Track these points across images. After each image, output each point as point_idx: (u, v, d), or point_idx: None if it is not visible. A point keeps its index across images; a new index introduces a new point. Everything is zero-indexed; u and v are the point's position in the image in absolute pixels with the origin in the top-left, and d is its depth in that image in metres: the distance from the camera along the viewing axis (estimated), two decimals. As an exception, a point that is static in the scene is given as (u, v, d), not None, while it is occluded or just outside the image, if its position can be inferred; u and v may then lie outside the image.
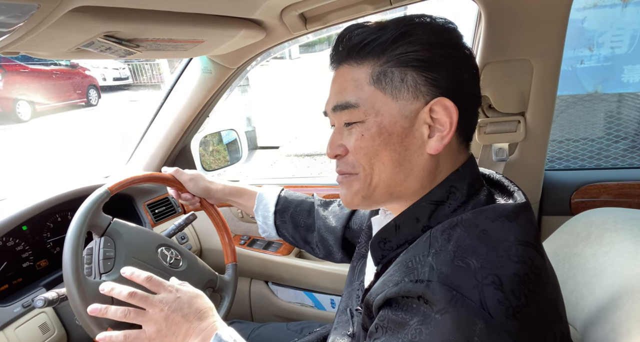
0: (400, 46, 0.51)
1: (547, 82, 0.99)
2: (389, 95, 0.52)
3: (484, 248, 0.46)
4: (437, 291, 0.43)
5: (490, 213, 0.49)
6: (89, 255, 0.86)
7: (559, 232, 0.79)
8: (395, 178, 0.55)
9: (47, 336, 0.98)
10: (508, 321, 0.41)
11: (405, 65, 0.51)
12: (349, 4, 0.95)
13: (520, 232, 0.48)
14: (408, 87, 0.52)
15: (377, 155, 0.54)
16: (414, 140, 0.53)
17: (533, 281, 0.45)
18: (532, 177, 1.13)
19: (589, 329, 0.60)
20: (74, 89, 10.50)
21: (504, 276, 0.43)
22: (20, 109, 8.89)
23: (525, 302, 0.43)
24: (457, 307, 0.42)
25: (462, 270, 0.44)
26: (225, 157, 1.62)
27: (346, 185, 0.58)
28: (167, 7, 0.72)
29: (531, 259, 0.46)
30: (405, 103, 0.52)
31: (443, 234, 0.49)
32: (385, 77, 0.52)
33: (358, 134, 0.54)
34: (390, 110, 0.52)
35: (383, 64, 0.52)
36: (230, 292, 1.01)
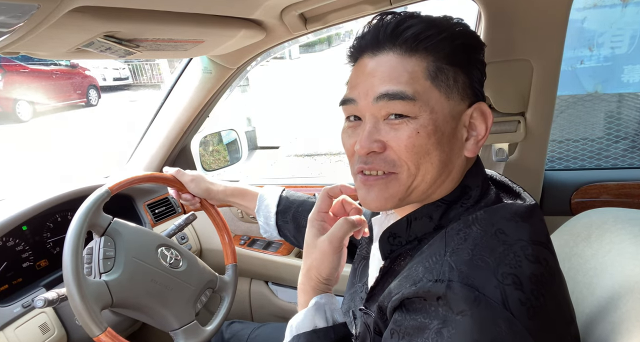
0: (453, 46, 0.51)
1: (547, 82, 0.99)
2: (443, 94, 0.51)
3: (501, 247, 0.45)
4: (459, 291, 0.42)
5: (505, 213, 0.49)
6: (89, 254, 0.86)
7: (559, 232, 0.79)
8: (437, 179, 0.53)
9: (47, 336, 0.98)
10: (530, 321, 0.41)
11: (457, 65, 0.51)
12: (349, 4, 0.95)
13: (534, 232, 0.48)
14: (458, 88, 0.52)
15: (429, 154, 0.51)
16: (457, 142, 0.53)
17: (549, 281, 0.45)
18: (532, 177, 1.13)
19: (589, 329, 0.60)
20: (74, 89, 10.50)
21: (522, 276, 0.43)
22: (20, 109, 8.89)
23: (543, 302, 0.43)
24: (480, 308, 0.40)
25: (482, 269, 0.43)
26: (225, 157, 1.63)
27: (380, 187, 0.53)
28: (167, 7, 0.72)
29: (546, 260, 0.46)
30: (455, 104, 0.52)
31: (459, 233, 0.48)
32: (442, 74, 0.51)
33: (411, 130, 0.50)
34: (443, 109, 0.51)
35: (437, 60, 0.51)
36: (230, 293, 1.01)
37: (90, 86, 10.99)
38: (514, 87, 1.01)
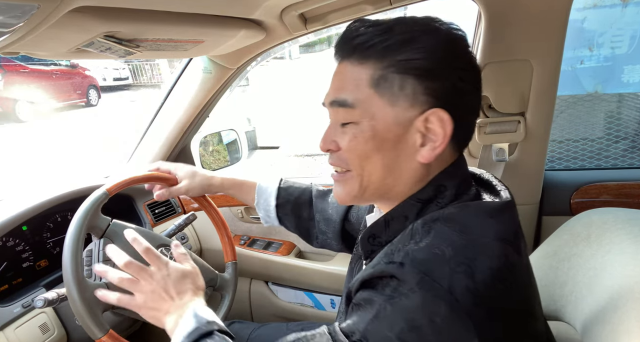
0: (404, 52, 0.51)
1: (547, 82, 0.99)
2: (386, 101, 0.52)
3: (462, 241, 0.47)
4: (408, 272, 0.45)
5: (472, 209, 0.51)
6: (89, 257, 0.86)
7: (559, 232, 0.79)
8: (384, 182, 0.55)
9: (47, 336, 0.98)
10: (474, 307, 0.43)
11: (406, 72, 0.51)
12: (349, 4, 0.95)
13: (500, 229, 0.49)
14: (406, 95, 0.51)
15: (369, 158, 0.54)
16: (406, 147, 0.53)
17: (506, 277, 0.46)
18: (532, 177, 1.13)
19: (588, 329, 0.60)
20: (74, 89, 10.50)
21: (476, 268, 0.45)
22: (20, 109, 8.89)
23: (494, 294, 0.45)
24: (425, 289, 0.43)
25: (436, 256, 0.46)
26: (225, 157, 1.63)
27: (341, 183, 0.59)
28: (167, 7, 0.72)
29: (506, 256, 0.47)
30: (401, 110, 0.52)
31: (424, 227, 0.50)
32: (385, 82, 0.51)
33: (351, 134, 0.54)
34: (385, 116, 0.52)
35: (384, 68, 0.51)
36: (230, 291, 1.01)
37: (90, 86, 10.99)
38: (514, 87, 1.01)
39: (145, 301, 0.69)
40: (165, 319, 0.67)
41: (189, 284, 0.72)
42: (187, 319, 0.65)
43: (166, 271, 0.71)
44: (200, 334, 0.62)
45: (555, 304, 0.73)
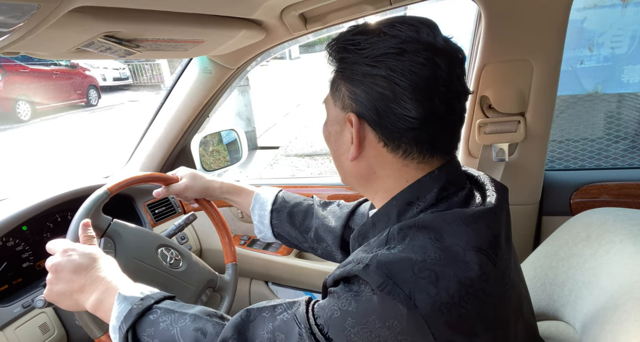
0: (342, 59, 0.56)
1: (547, 82, 0.99)
2: (333, 101, 0.60)
3: (433, 249, 0.48)
4: (372, 274, 0.46)
5: (448, 217, 0.51)
6: (89, 255, 0.86)
7: (559, 232, 0.79)
8: (339, 171, 0.64)
9: (47, 336, 0.98)
10: (433, 313, 0.44)
11: (341, 77, 0.57)
12: (349, 4, 0.95)
13: (474, 238, 0.49)
14: (340, 97, 0.57)
15: (328, 143, 0.63)
16: (342, 144, 0.60)
17: (476, 285, 0.46)
18: (532, 177, 1.13)
19: (588, 329, 0.60)
20: (74, 89, 10.50)
21: (442, 274, 0.46)
22: (20, 109, 8.89)
23: (458, 301, 0.45)
24: (385, 292, 0.45)
25: (403, 261, 0.47)
26: (225, 158, 1.63)
27: None
28: (167, 7, 0.72)
29: (479, 265, 0.47)
30: (338, 110, 0.59)
31: (400, 233, 0.51)
32: (333, 85, 0.59)
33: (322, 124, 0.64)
34: (331, 113, 0.61)
35: (333, 72, 0.58)
36: (230, 292, 1.01)
37: (90, 86, 10.99)
38: (514, 87, 1.01)
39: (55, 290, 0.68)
40: (81, 298, 0.66)
41: (95, 262, 0.69)
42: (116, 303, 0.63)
43: (71, 253, 0.70)
44: (137, 315, 0.60)
45: (555, 304, 0.73)
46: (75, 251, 0.70)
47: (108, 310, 0.64)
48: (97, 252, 0.72)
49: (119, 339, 0.61)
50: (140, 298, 0.63)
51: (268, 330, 0.53)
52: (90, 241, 0.75)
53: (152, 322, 0.60)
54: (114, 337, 0.62)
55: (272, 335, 0.52)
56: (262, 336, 0.53)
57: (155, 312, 0.61)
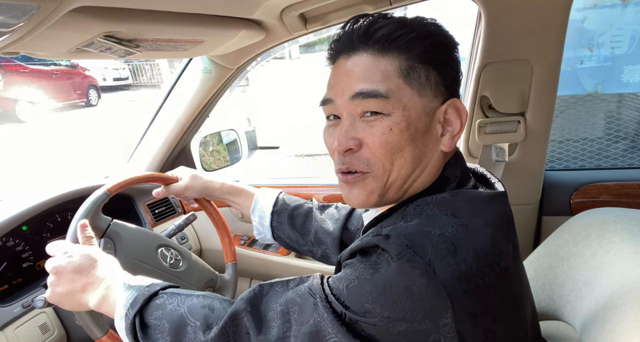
0: (424, 45, 0.53)
1: (547, 82, 0.99)
2: (415, 91, 0.53)
3: (450, 224, 0.48)
4: (392, 243, 0.47)
5: (465, 195, 0.52)
6: (89, 255, 0.85)
7: (559, 232, 0.79)
8: (412, 175, 0.55)
9: (47, 336, 0.98)
10: (452, 281, 0.44)
11: (429, 63, 0.53)
12: (349, 4, 0.95)
13: (490, 215, 0.50)
14: (431, 85, 0.53)
15: (402, 150, 0.53)
16: (432, 137, 0.55)
17: (491, 258, 0.47)
18: (532, 177, 1.13)
19: (588, 329, 0.60)
20: (74, 89, 10.50)
21: (460, 246, 0.46)
22: (20, 109, 8.89)
23: (476, 271, 0.46)
24: (405, 259, 0.45)
25: (422, 234, 0.47)
26: (225, 158, 1.63)
27: (359, 185, 0.56)
28: (167, 7, 0.72)
29: (494, 239, 0.48)
30: (427, 100, 0.54)
31: (416, 209, 0.52)
32: (413, 73, 0.53)
33: (385, 127, 0.52)
34: (416, 106, 0.53)
35: (409, 59, 0.53)
36: (230, 292, 1.01)
37: (90, 86, 10.99)
38: (514, 87, 1.01)
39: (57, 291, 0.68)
40: (84, 297, 0.66)
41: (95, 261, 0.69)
42: (121, 293, 0.63)
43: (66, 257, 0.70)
44: (144, 300, 0.60)
45: (555, 304, 0.73)
46: (75, 252, 0.70)
47: (112, 304, 0.63)
48: (96, 252, 0.72)
49: (126, 327, 0.60)
50: (145, 285, 0.63)
51: (281, 302, 0.52)
52: (90, 241, 0.75)
53: (159, 306, 0.60)
54: (120, 326, 0.61)
55: (285, 307, 0.51)
56: (275, 309, 0.52)
57: (161, 297, 0.61)
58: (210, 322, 0.56)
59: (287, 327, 0.50)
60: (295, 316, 0.50)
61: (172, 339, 0.56)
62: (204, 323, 0.56)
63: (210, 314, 0.57)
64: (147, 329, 0.59)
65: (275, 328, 0.51)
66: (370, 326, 0.46)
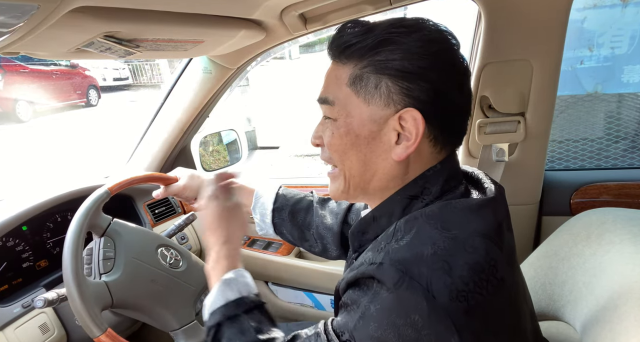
0: (381, 52, 0.52)
1: (547, 82, 0.99)
2: (361, 99, 0.54)
3: (441, 239, 0.48)
4: (387, 271, 0.47)
5: (453, 206, 0.52)
6: (89, 255, 0.86)
7: (559, 232, 0.79)
8: (363, 177, 0.58)
9: (47, 336, 0.98)
10: (451, 302, 0.44)
11: (382, 72, 0.52)
12: (349, 4, 0.95)
13: (480, 225, 0.50)
14: (381, 94, 0.53)
15: (346, 153, 0.57)
16: (381, 144, 0.55)
17: (486, 271, 0.47)
18: (532, 178, 1.13)
19: (588, 329, 0.60)
20: (74, 89, 10.50)
21: (454, 263, 0.46)
22: (20, 109, 8.89)
23: (473, 288, 0.46)
24: (403, 287, 0.45)
25: (415, 256, 0.47)
26: (225, 158, 1.63)
27: (332, 180, 0.62)
28: (167, 7, 0.72)
29: (486, 251, 0.48)
30: (376, 108, 0.54)
31: (406, 225, 0.52)
32: (360, 82, 0.54)
33: (330, 131, 0.58)
34: (360, 113, 0.54)
35: (362, 67, 0.53)
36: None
37: (90, 86, 10.99)
38: (514, 87, 1.01)
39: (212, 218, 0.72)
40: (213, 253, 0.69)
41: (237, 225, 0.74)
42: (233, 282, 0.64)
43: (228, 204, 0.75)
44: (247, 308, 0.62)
45: (555, 304, 0.73)
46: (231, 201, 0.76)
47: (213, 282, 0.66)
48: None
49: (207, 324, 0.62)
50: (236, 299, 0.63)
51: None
52: None
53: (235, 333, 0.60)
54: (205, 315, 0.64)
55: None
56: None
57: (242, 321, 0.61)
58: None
59: None
60: None
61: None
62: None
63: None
64: None
65: None
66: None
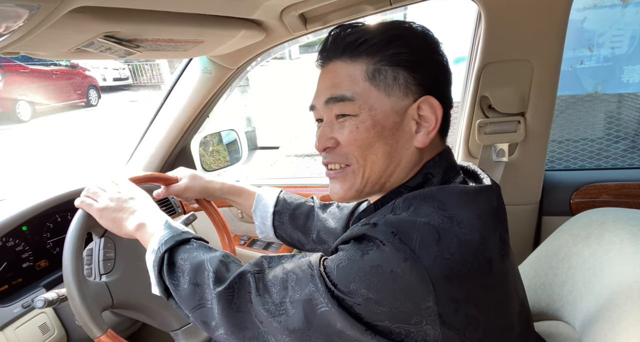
0: (392, 47, 0.56)
1: (547, 82, 0.99)
2: (382, 92, 0.57)
3: (437, 215, 0.50)
4: (379, 230, 0.49)
5: (451, 189, 0.54)
6: (89, 256, 0.86)
7: (559, 232, 0.79)
8: (386, 170, 0.59)
9: (47, 337, 0.98)
10: (434, 265, 0.46)
11: (397, 65, 0.56)
12: (349, 4, 0.95)
13: (476, 208, 0.52)
14: (399, 85, 0.57)
15: (371, 147, 0.58)
16: (404, 134, 0.58)
17: (475, 248, 0.49)
18: (532, 178, 1.13)
19: (587, 328, 0.60)
20: (74, 89, 10.51)
21: (444, 235, 0.48)
22: (20, 109, 8.89)
23: (459, 259, 0.47)
24: (391, 243, 0.47)
25: (408, 222, 0.50)
26: (225, 158, 1.63)
27: (340, 179, 0.62)
28: (167, 7, 0.72)
29: (479, 231, 0.50)
30: (396, 99, 0.57)
31: (404, 202, 0.55)
32: (379, 75, 0.56)
33: (352, 126, 0.58)
34: (383, 105, 0.57)
35: (377, 62, 0.56)
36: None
37: (90, 86, 11.00)
38: (514, 87, 1.01)
39: (106, 204, 0.75)
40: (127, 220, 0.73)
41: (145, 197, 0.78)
42: (159, 228, 0.69)
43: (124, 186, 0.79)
44: (176, 242, 0.66)
45: (555, 304, 0.73)
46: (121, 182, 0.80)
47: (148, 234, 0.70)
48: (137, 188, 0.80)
49: (155, 259, 0.66)
50: (182, 231, 0.69)
51: (283, 271, 0.56)
52: None
53: (187, 250, 0.65)
54: (150, 258, 0.67)
55: (286, 276, 0.55)
56: (277, 276, 0.56)
57: (191, 244, 0.67)
58: (222, 276, 0.60)
59: (284, 294, 0.54)
60: (292, 284, 0.53)
61: (190, 279, 0.62)
62: (217, 275, 0.60)
63: (224, 270, 0.61)
64: (173, 267, 0.64)
65: (274, 293, 0.54)
66: (355, 305, 0.48)
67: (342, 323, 0.48)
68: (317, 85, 0.63)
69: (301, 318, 0.51)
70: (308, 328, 0.51)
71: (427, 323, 0.46)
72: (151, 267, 0.67)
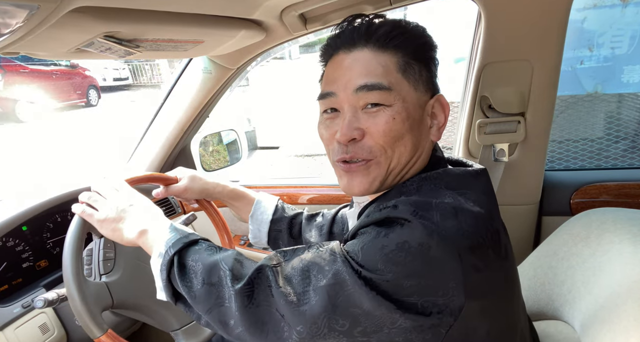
0: (417, 44, 0.59)
1: (547, 82, 0.99)
2: (411, 86, 0.58)
3: (447, 193, 0.53)
4: (401, 207, 0.51)
5: (453, 171, 0.58)
6: (89, 256, 0.86)
7: (559, 232, 0.79)
8: (410, 161, 0.60)
9: (47, 337, 0.98)
10: (458, 237, 0.48)
11: (422, 60, 0.59)
12: (349, 4, 0.95)
13: (480, 186, 0.57)
14: (423, 81, 0.59)
15: (402, 138, 0.58)
16: (424, 127, 0.61)
17: (486, 220, 0.52)
18: (532, 178, 1.13)
19: (586, 328, 0.60)
20: (74, 89, 10.50)
21: (460, 210, 0.51)
22: (20, 109, 8.89)
23: (476, 230, 0.50)
24: (416, 219, 0.49)
25: (425, 203, 0.51)
26: (225, 158, 1.63)
27: (363, 172, 0.59)
28: (167, 7, 0.72)
29: (487, 205, 0.54)
30: (420, 94, 0.59)
31: (412, 185, 0.57)
32: (410, 69, 0.58)
33: (388, 116, 0.57)
34: (412, 99, 0.58)
35: (406, 55, 0.58)
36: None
37: (90, 86, 10.99)
38: (514, 87, 1.02)
39: (106, 214, 0.72)
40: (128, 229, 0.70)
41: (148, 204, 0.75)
42: (164, 232, 0.67)
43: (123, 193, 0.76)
44: (184, 244, 0.64)
45: (554, 303, 0.73)
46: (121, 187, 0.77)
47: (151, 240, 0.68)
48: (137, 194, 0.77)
49: (163, 262, 0.64)
50: (188, 233, 0.68)
51: (303, 261, 0.55)
52: None
53: (197, 251, 0.64)
54: (156, 262, 0.65)
55: (306, 265, 0.54)
56: (297, 266, 0.55)
57: (200, 245, 0.65)
58: (239, 273, 0.59)
59: (307, 282, 0.53)
60: (314, 272, 0.53)
61: (204, 279, 0.60)
62: (233, 273, 0.59)
63: (240, 268, 0.60)
64: (184, 269, 0.62)
65: (296, 284, 0.53)
66: (384, 282, 0.48)
67: (369, 303, 0.48)
68: (339, 71, 0.59)
69: (326, 304, 0.50)
70: (333, 312, 0.50)
71: (453, 294, 0.47)
72: (158, 272, 0.64)
